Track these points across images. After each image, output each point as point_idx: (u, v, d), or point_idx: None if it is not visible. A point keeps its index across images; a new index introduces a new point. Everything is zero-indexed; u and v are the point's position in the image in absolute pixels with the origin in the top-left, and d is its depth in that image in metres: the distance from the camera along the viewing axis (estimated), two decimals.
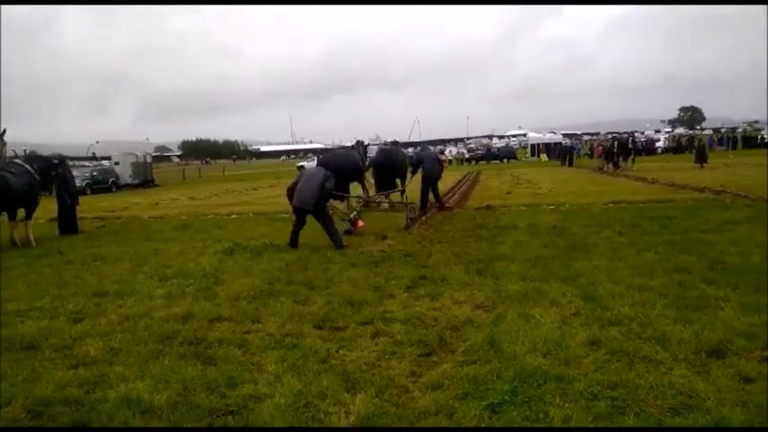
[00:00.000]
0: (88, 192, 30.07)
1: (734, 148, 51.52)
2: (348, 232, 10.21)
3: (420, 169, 13.59)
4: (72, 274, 7.88)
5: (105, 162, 45.86)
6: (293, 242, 9.08)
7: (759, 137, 55.71)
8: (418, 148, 22.18)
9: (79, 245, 10.67)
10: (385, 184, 14.29)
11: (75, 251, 9.84)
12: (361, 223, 10.64)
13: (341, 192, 12.86)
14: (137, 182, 36.32)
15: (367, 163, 15.08)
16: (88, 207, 17.77)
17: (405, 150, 19.00)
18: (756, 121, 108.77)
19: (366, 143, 16.15)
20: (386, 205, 13.86)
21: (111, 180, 34.55)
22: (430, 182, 13.49)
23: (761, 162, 27.67)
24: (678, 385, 3.48)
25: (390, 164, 14.46)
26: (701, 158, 27.41)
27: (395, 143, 15.63)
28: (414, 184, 14.13)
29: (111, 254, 9.33)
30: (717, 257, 6.82)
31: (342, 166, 13.28)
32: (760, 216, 10.01)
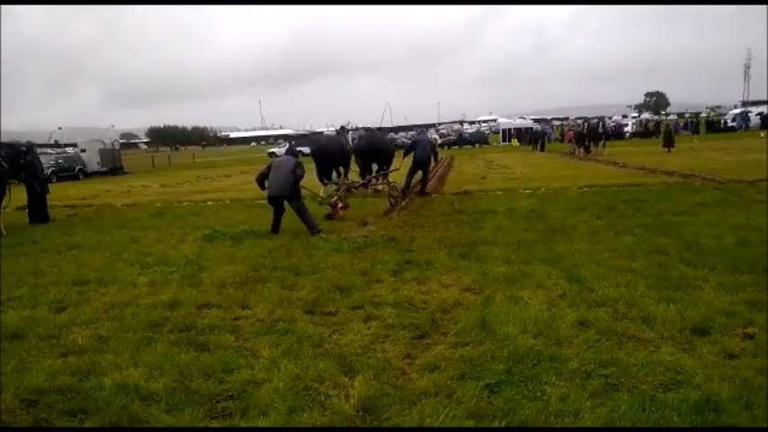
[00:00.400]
0: (54, 179, 29.27)
1: (697, 132, 52.78)
2: (329, 217, 10.25)
3: (413, 154, 13.64)
4: (48, 262, 7.72)
5: (69, 149, 44.68)
6: (275, 228, 9.13)
7: (722, 122, 57.15)
8: (416, 132, 22.07)
9: (52, 233, 10.43)
10: (369, 169, 14.29)
11: (49, 240, 9.61)
12: (340, 204, 10.69)
13: (327, 174, 12.93)
14: (105, 169, 35.48)
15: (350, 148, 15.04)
16: (57, 195, 17.29)
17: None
18: (719, 107, 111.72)
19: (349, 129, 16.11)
20: (381, 187, 13.83)
21: (77, 167, 33.66)
22: (419, 167, 13.59)
23: (724, 146, 28.52)
24: (667, 362, 3.61)
25: (374, 149, 14.42)
26: (669, 143, 28.06)
27: (379, 129, 15.64)
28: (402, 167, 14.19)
29: (88, 242, 9.15)
30: (692, 239, 7.02)
31: (329, 150, 13.30)
32: (729, 199, 10.34)
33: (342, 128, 15.67)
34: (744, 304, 4.58)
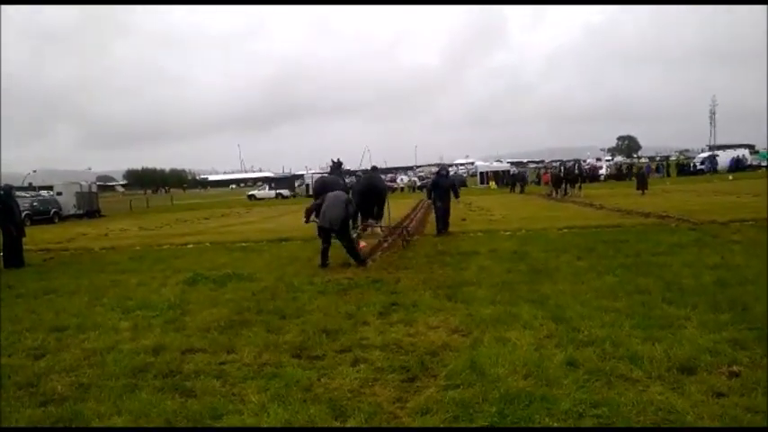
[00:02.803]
0: (28, 223, 28.74)
1: (668, 175, 54.34)
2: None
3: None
4: (25, 308, 7.53)
5: (44, 192, 44.09)
6: (324, 262, 9.56)
7: (691, 165, 58.93)
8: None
9: (28, 278, 10.20)
10: (369, 209, 14.28)
11: (25, 285, 9.39)
12: (363, 244, 11.05)
13: None
14: (81, 212, 34.99)
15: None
16: (31, 239, 16.89)
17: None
18: (687, 150, 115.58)
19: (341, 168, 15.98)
20: (378, 230, 13.95)
21: (53, 210, 33.16)
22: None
23: (695, 189, 29.35)
24: (657, 402, 3.63)
25: (377, 190, 14.47)
26: (642, 185, 28.74)
27: (374, 168, 15.54)
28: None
29: (65, 286, 8.96)
30: (672, 279, 7.15)
31: (331, 190, 13.45)
32: (703, 239, 10.58)
33: (338, 163, 15.39)
34: (726, 343, 4.65)
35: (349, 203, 9.90)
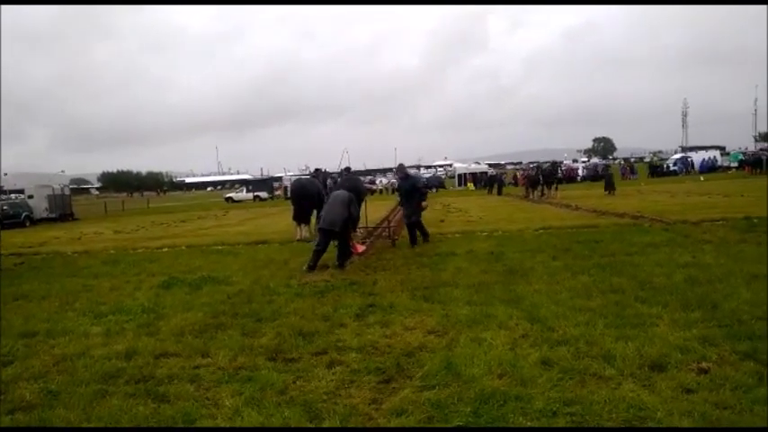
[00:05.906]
0: None
1: (636, 174, 55.38)
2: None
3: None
4: None
5: (15, 195, 43.16)
6: (313, 266, 9.17)
7: (665, 166, 59.99)
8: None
9: None
10: None
11: None
12: (361, 248, 10.87)
13: (304, 217, 13.65)
14: (54, 216, 34.32)
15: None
16: (1, 243, 16.62)
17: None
18: (660, 152, 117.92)
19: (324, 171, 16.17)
20: (357, 232, 13.93)
21: (24, 214, 32.46)
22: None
23: (668, 189, 29.86)
24: (628, 399, 3.67)
25: (356, 191, 14.28)
26: (610, 186, 29.14)
27: (347, 170, 15.45)
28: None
29: (36, 291, 8.76)
30: (645, 278, 7.26)
31: (307, 193, 13.64)
32: (676, 239, 10.76)
33: (317, 170, 15.75)
34: (696, 340, 4.73)
35: (352, 203, 9.55)
